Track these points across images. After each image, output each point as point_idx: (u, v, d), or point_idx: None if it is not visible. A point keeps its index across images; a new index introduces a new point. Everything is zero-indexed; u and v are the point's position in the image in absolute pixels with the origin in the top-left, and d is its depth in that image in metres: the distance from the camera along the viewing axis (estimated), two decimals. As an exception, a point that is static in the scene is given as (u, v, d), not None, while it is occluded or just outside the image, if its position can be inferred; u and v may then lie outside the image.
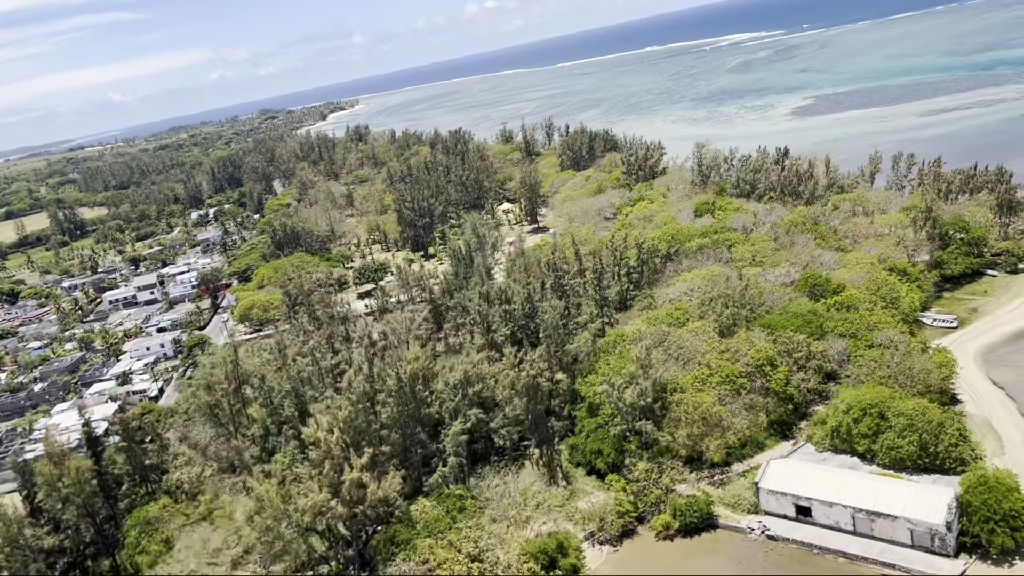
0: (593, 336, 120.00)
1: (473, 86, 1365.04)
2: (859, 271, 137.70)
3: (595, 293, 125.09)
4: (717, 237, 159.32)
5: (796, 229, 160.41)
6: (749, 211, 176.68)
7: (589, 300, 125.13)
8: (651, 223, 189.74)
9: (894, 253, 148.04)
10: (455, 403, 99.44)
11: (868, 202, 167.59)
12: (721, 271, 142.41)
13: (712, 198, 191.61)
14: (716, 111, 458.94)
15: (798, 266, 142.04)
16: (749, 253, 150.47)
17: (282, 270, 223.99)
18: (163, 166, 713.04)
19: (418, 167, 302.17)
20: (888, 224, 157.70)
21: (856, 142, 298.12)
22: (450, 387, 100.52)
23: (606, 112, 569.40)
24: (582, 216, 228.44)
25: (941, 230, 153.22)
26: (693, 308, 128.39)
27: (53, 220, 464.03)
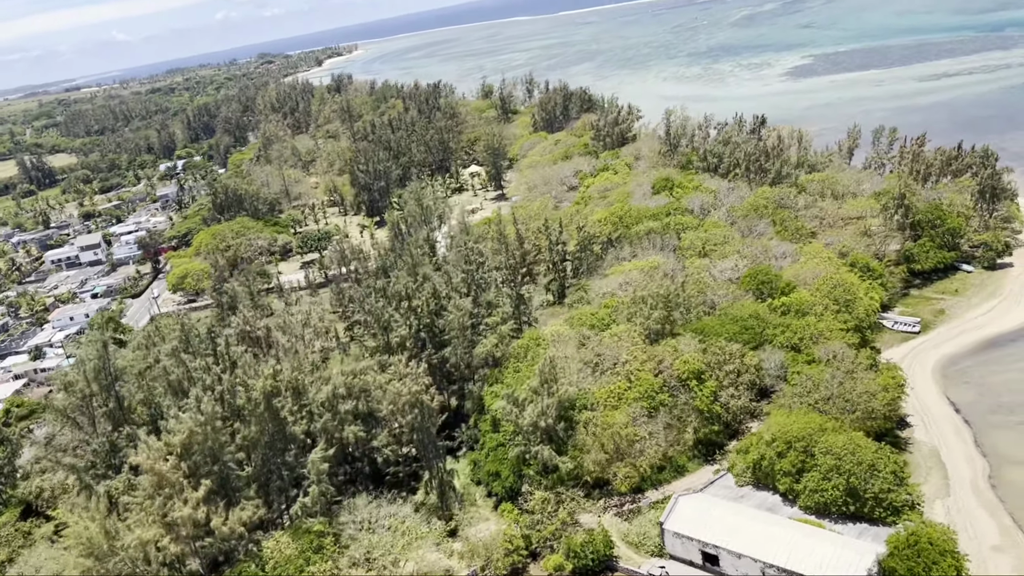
0: (502, 339, 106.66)
1: (473, 34, 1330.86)
2: (815, 267, 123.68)
3: (509, 289, 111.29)
4: (668, 221, 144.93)
5: (755, 213, 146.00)
6: (710, 190, 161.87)
7: (504, 296, 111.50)
8: (606, 199, 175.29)
9: (859, 244, 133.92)
10: (322, 423, 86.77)
11: (838, 184, 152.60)
12: (663, 263, 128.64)
13: (672, 174, 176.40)
14: (711, 68, 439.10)
15: (749, 258, 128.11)
16: (700, 241, 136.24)
17: (220, 236, 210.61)
18: (147, 111, 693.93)
19: (382, 125, 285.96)
20: (857, 210, 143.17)
21: (848, 108, 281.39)
22: (317, 404, 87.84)
23: (600, 66, 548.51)
24: (543, 185, 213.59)
25: (914, 219, 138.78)
26: (624, 307, 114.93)
27: (21, 167, 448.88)
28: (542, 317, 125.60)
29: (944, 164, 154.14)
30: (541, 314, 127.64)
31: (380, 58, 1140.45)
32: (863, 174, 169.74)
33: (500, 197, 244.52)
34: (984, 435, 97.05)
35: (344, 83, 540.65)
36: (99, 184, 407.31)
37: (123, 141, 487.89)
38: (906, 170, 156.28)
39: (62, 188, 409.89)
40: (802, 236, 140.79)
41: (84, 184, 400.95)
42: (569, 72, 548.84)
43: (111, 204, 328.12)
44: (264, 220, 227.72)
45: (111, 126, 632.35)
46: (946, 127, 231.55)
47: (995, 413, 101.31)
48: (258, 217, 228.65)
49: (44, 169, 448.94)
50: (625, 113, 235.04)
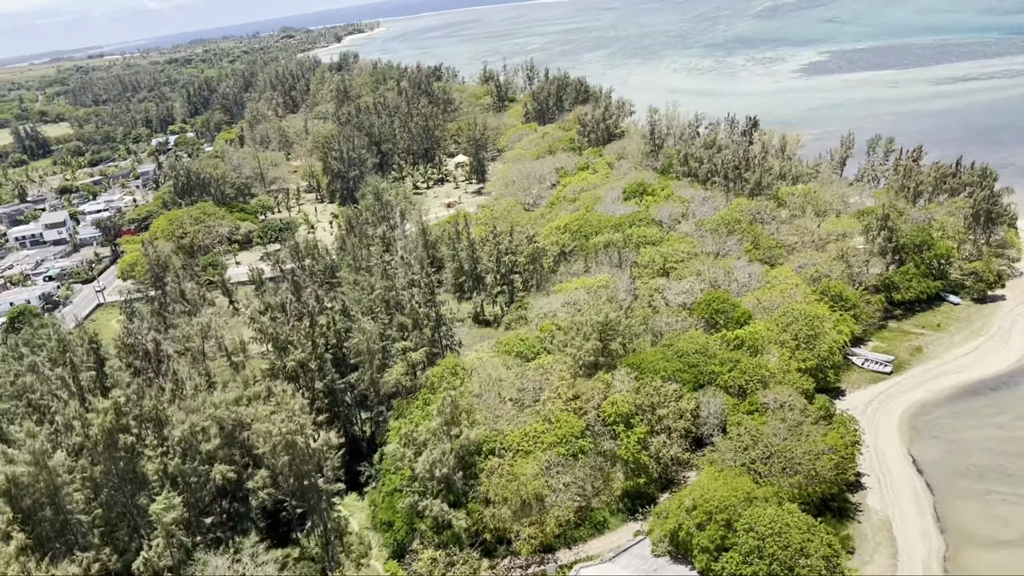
0: (411, 367, 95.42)
1: (496, 15, 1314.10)
2: (779, 294, 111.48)
3: (426, 308, 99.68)
4: (631, 232, 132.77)
5: (726, 228, 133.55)
6: (683, 199, 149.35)
7: (422, 316, 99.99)
8: (575, 203, 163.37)
9: (835, 269, 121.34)
10: (174, 465, 76.12)
11: (820, 200, 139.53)
12: (613, 281, 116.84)
13: (648, 179, 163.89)
14: (723, 61, 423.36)
15: (708, 281, 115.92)
16: (660, 258, 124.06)
17: (177, 222, 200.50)
18: (155, 83, 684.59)
19: (365, 108, 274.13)
20: (838, 230, 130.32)
21: (856, 110, 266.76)
22: (174, 441, 77.17)
23: (613, 54, 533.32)
24: (522, 181, 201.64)
25: (897, 242, 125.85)
26: (560, 332, 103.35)
27: (15, 136, 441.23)
28: (475, 339, 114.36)
29: (938, 181, 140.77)
30: (474, 335, 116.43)
31: (400, 36, 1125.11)
32: (852, 188, 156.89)
33: (482, 191, 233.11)
34: (946, 504, 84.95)
35: (349, 62, 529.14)
36: (91, 157, 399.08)
37: (120, 113, 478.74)
38: (896, 186, 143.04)
39: (53, 159, 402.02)
40: (775, 256, 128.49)
41: (73, 157, 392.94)
42: (582, 59, 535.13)
43: (91, 180, 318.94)
44: (229, 206, 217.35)
45: (117, 96, 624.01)
46: (955, 136, 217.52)
47: (963, 477, 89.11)
48: (223, 202, 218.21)
49: (38, 139, 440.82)
50: (614, 108, 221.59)
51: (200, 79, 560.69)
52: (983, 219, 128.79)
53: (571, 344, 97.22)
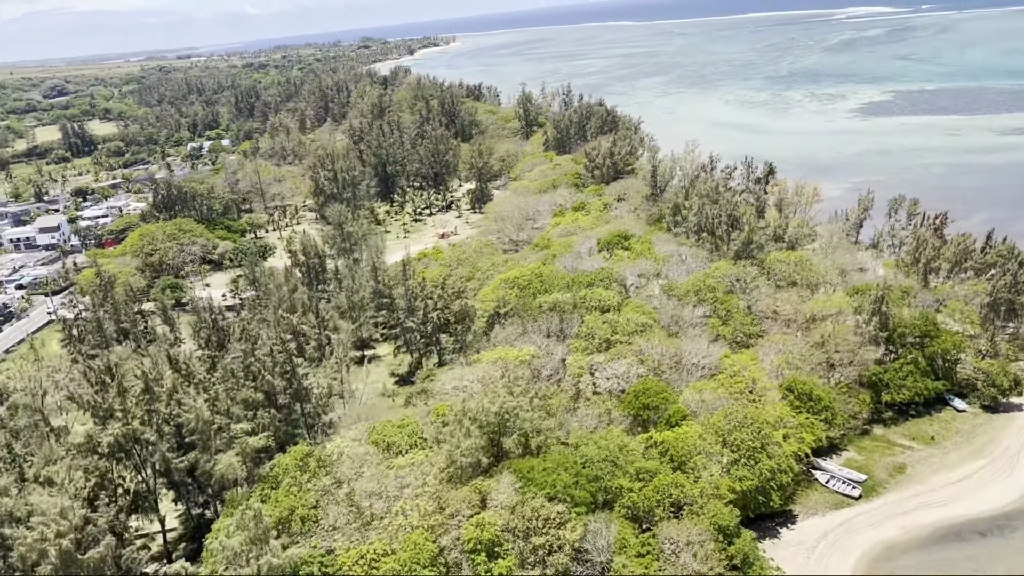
0: (244, 456, 79.97)
1: (569, 35, 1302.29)
2: (728, 389, 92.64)
3: (282, 380, 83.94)
4: (585, 294, 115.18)
5: (696, 297, 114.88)
6: (659, 257, 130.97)
7: (278, 388, 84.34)
8: (546, 250, 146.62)
9: (812, 357, 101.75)
10: None
11: (812, 270, 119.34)
12: (539, 355, 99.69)
13: (633, 228, 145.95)
14: (780, 95, 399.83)
15: (650, 364, 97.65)
16: (607, 328, 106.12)
17: (148, 237, 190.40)
18: (219, 86, 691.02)
19: (375, 127, 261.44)
20: (825, 309, 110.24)
21: (905, 159, 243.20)
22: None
23: (669, 81, 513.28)
24: (515, 217, 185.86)
25: (893, 330, 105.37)
26: (452, 417, 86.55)
27: (63, 133, 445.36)
28: (383, 410, 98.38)
29: (959, 257, 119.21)
30: (381, 407, 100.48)
31: (471, 52, 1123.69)
32: (867, 254, 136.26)
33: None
34: None
35: (399, 76, 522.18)
36: (130, 158, 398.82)
37: (167, 115, 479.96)
38: (909, 259, 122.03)
39: (92, 159, 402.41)
40: (749, 336, 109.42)
41: (110, 157, 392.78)
42: (637, 85, 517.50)
43: (110, 183, 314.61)
44: (213, 223, 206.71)
45: (182, 98, 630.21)
46: (1011, 196, 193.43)
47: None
48: (208, 219, 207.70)
49: (84, 136, 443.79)
50: (624, 143, 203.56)
51: (248, 85, 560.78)
52: (1003, 310, 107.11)
53: (450, 439, 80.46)
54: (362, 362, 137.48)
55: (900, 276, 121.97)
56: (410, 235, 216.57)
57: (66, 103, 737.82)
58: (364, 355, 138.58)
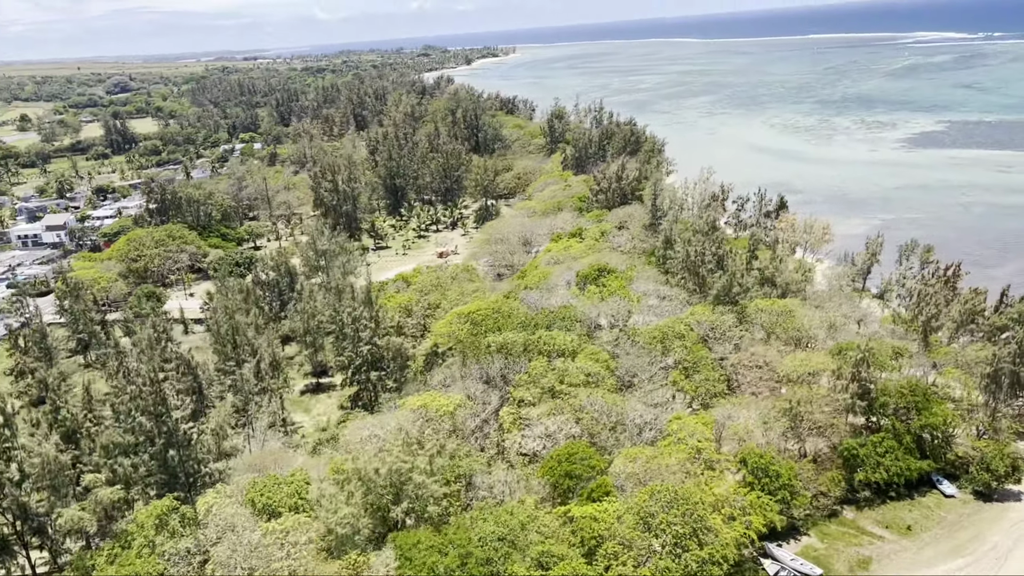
0: (96, 508, 71.71)
1: (630, 50, 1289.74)
2: (672, 459, 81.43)
3: (152, 422, 75.25)
4: (539, 337, 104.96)
5: (662, 346, 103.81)
6: (633, 296, 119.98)
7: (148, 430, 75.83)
8: (521, 279, 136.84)
9: (777, 426, 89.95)
10: None
11: (795, 322, 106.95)
12: (459, 404, 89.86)
13: (617, 262, 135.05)
14: (828, 121, 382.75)
15: (586, 422, 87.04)
16: (554, 378, 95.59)
17: (136, 242, 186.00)
18: (269, 89, 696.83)
19: (385, 139, 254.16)
20: (802, 369, 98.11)
21: (945, 196, 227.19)
22: None
23: (717, 101, 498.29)
24: (512, 240, 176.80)
25: (875, 400, 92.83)
26: (341, 477, 77.06)
27: (105, 130, 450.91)
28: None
29: (966, 317, 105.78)
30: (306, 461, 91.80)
31: (527, 64, 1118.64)
32: (868, 305, 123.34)
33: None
34: None
35: (442, 86, 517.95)
36: (166, 157, 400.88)
37: (207, 116, 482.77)
38: (907, 314, 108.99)
39: (127, 157, 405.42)
40: (713, 393, 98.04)
41: (144, 156, 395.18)
42: (684, 104, 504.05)
43: (130, 182, 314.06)
44: (208, 230, 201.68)
45: (230, 99, 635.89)
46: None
47: None
48: (203, 226, 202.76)
49: (126, 134, 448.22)
50: (634, 166, 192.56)
51: (292, 89, 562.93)
52: (1006, 383, 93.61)
53: (327, 503, 71.14)
54: (317, 391, 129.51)
55: (899, 333, 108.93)
56: (409, 252, 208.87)
57: (125, 99, 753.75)
58: (319, 383, 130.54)
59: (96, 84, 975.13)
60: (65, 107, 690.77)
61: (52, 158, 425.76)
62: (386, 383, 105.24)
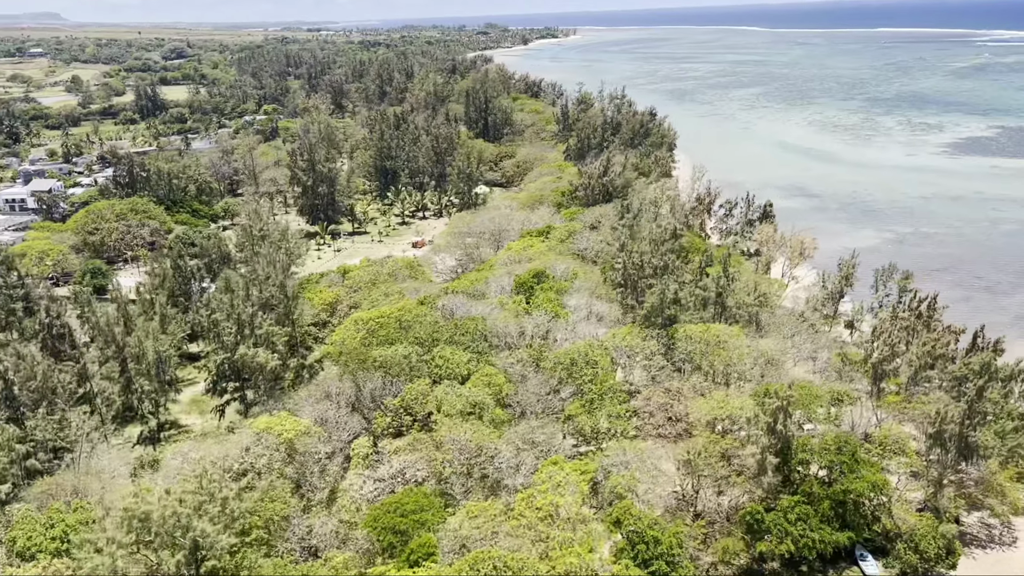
0: None
1: (693, 36, 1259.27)
2: (521, 519, 69.47)
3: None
4: (432, 355, 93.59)
5: (566, 372, 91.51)
6: (561, 310, 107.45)
7: None
8: (459, 282, 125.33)
9: (663, 480, 77.27)
10: None
11: (720, 354, 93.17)
12: (304, 431, 79.05)
13: (544, 270, 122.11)
14: (873, 120, 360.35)
15: (439, 464, 75.40)
16: (432, 404, 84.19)
17: (96, 214, 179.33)
18: (314, 60, 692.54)
19: (384, 119, 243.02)
20: (717, 413, 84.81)
21: (976, 209, 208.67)
22: None
23: (763, 94, 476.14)
24: (477, 233, 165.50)
25: (790, 457, 79.24)
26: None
27: (135, 95, 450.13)
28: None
29: (925, 361, 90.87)
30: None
31: (583, 47, 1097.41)
32: (839, 333, 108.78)
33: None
34: None
35: (478, 65, 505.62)
36: (192, 125, 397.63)
37: (238, 85, 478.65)
38: (858, 354, 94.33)
39: (146, 124, 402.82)
40: (617, 432, 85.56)
41: (169, 124, 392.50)
42: (728, 95, 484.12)
43: (140, 150, 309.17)
44: (177, 204, 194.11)
45: (271, 70, 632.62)
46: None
47: None
48: (174, 200, 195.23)
49: (156, 100, 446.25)
50: (619, 163, 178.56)
51: (322, 62, 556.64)
52: (953, 446, 78.95)
53: (77, 551, 61.23)
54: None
55: (851, 374, 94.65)
56: (386, 240, 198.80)
57: (176, 65, 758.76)
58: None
59: (154, 49, 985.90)
60: (117, 71, 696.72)
61: (82, 121, 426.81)
62: (245, 395, 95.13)
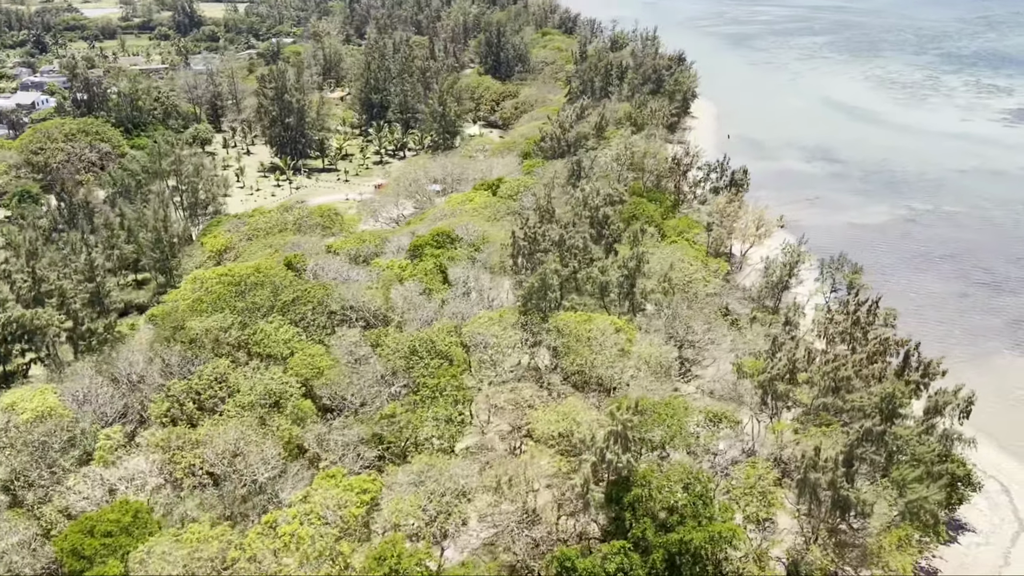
0: None
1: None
2: (260, 545, 57.10)
3: None
4: (256, 330, 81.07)
5: (404, 363, 78.00)
6: (436, 286, 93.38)
7: None
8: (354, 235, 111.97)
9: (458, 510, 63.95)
10: None
11: (581, 354, 77.98)
12: (49, 411, 67.77)
13: (450, 231, 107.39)
14: (935, 79, 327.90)
15: (185, 467, 63.29)
16: (216, 394, 71.95)
17: (44, 133, 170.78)
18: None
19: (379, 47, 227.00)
20: (560, 429, 70.38)
21: (1011, 187, 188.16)
22: None
23: (827, 44, 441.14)
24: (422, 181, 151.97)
25: (621, 494, 64.78)
26: None
27: (172, 11, 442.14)
28: None
29: (832, 382, 74.06)
30: None
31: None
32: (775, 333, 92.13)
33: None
34: None
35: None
36: (224, 45, 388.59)
37: (281, 4, 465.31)
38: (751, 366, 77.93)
39: (171, 42, 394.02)
40: (424, 442, 72.21)
41: (195, 41, 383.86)
42: (790, 42, 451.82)
43: (153, 67, 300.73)
44: (136, 128, 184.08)
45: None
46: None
47: None
48: (135, 123, 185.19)
49: (193, 16, 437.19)
50: (595, 113, 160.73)
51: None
52: (827, 500, 63.12)
53: None
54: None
55: (747, 387, 78.77)
56: (353, 180, 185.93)
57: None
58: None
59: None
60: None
61: (120, 34, 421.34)
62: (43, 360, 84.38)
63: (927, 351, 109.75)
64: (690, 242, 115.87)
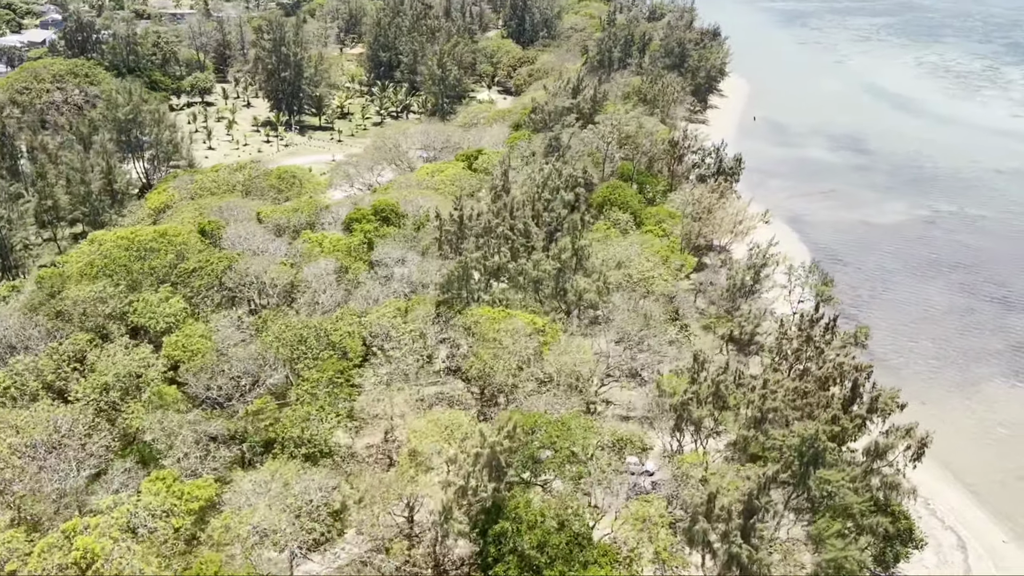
0: None
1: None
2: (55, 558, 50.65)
3: None
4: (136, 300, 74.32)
5: (303, 347, 70.61)
6: (361, 264, 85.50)
7: None
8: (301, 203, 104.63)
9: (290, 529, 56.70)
10: None
11: (487, 360, 69.63)
12: None
13: (395, 205, 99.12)
14: (995, 69, 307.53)
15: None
16: (64, 371, 65.54)
17: (31, 72, 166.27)
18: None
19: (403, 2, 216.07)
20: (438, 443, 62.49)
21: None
22: None
23: (885, 27, 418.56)
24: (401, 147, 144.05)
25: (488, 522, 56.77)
26: None
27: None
28: None
29: (753, 415, 64.73)
30: None
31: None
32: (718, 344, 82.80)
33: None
34: None
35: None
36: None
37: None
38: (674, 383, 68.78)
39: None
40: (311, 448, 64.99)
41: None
42: (846, 22, 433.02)
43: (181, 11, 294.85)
44: (131, 73, 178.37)
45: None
46: None
47: None
48: (130, 68, 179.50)
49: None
50: (589, 86, 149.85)
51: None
52: (722, 552, 54.39)
53: None
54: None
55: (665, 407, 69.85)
56: (346, 140, 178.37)
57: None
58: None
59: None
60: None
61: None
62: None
63: (912, 372, 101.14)
64: (665, 233, 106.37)
